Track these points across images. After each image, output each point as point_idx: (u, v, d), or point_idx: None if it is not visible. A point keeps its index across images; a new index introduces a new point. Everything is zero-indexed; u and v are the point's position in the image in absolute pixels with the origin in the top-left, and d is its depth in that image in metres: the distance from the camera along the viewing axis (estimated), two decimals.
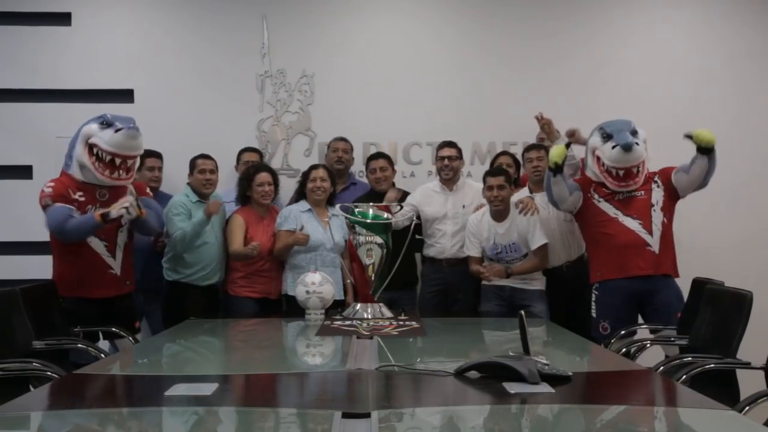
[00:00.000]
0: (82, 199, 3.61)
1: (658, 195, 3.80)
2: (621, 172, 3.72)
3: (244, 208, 4.16)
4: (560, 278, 4.19)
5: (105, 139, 3.59)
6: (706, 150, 3.65)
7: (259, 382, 2.36)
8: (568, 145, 3.85)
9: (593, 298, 3.85)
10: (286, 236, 4.00)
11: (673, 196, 3.83)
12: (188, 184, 4.24)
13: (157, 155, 4.46)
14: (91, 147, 3.61)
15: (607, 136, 3.75)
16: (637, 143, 3.69)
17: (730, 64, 5.12)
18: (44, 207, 3.56)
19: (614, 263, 3.75)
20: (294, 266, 4.05)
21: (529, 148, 4.35)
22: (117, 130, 3.58)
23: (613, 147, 3.68)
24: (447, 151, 4.34)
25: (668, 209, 3.82)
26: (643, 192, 3.80)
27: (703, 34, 5.17)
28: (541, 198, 4.11)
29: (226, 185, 4.55)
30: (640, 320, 3.86)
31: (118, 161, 3.62)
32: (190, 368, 2.81)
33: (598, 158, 3.79)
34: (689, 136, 3.66)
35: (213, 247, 4.11)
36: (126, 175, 3.69)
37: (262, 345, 3.31)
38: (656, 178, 3.84)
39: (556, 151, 3.73)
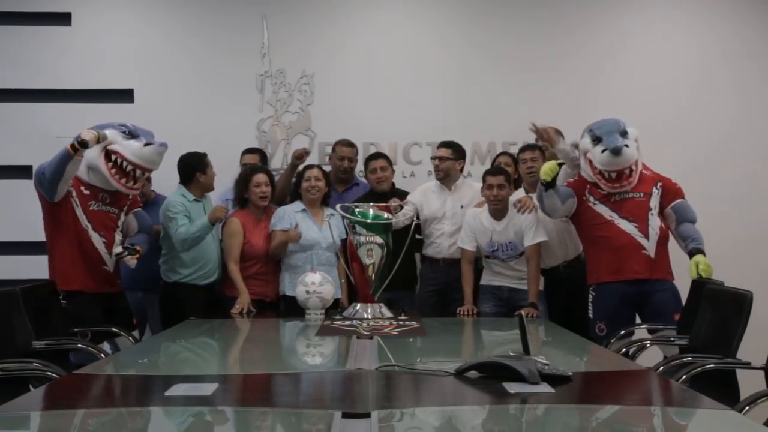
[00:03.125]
0: (87, 193, 3.66)
1: (656, 201, 3.79)
2: (613, 175, 3.72)
3: (241, 211, 4.14)
4: (558, 278, 4.18)
5: (131, 150, 3.64)
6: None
7: (259, 382, 2.36)
8: (560, 164, 3.82)
9: (590, 299, 3.84)
10: (281, 236, 4.01)
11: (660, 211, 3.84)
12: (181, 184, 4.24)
13: None
14: (109, 153, 3.63)
15: (596, 139, 3.74)
16: (626, 145, 3.67)
17: (730, 64, 5.12)
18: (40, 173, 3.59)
19: (610, 266, 3.74)
20: (290, 266, 4.06)
21: (523, 149, 4.35)
22: (147, 144, 3.65)
23: (603, 151, 3.67)
24: (438, 152, 4.35)
25: (663, 218, 3.82)
26: (641, 194, 3.78)
27: (703, 34, 5.17)
28: (537, 198, 4.10)
29: (227, 185, 4.54)
30: (639, 320, 3.86)
31: (138, 173, 3.70)
32: (191, 368, 2.82)
33: (590, 161, 3.78)
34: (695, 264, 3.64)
35: (210, 246, 4.10)
36: (137, 185, 3.80)
37: (263, 345, 3.31)
38: (659, 185, 3.82)
39: (547, 168, 3.70)
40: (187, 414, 1.92)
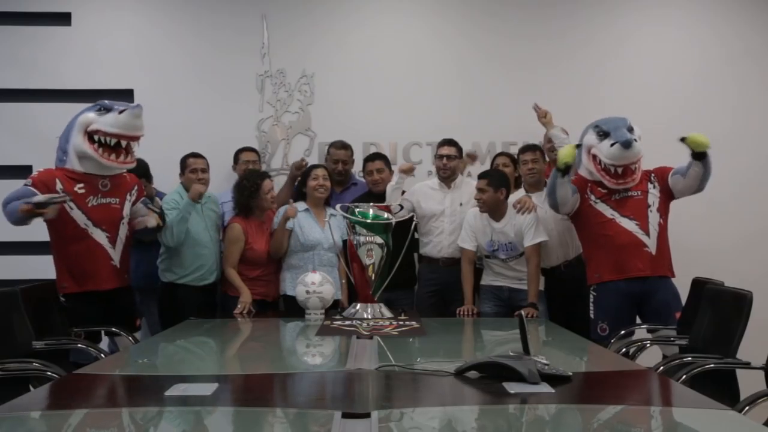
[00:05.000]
0: (83, 191, 3.61)
1: (654, 195, 3.79)
2: (620, 170, 3.71)
3: (243, 216, 4.07)
4: (558, 278, 4.18)
5: (109, 122, 3.59)
6: (699, 155, 3.63)
7: (259, 382, 2.36)
8: (578, 146, 3.81)
9: (591, 300, 3.84)
10: (280, 224, 4.00)
11: (668, 197, 3.83)
12: (181, 183, 4.23)
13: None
14: (91, 135, 3.61)
15: (603, 134, 3.73)
16: (635, 140, 3.68)
17: (730, 63, 5.12)
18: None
19: (612, 265, 3.74)
20: (291, 266, 4.05)
21: (523, 150, 4.34)
22: (120, 112, 3.60)
23: (612, 144, 3.66)
24: (446, 150, 4.33)
25: (664, 210, 3.81)
26: (639, 192, 3.78)
27: (703, 34, 5.17)
28: (536, 198, 4.10)
29: (225, 186, 4.54)
30: (639, 320, 3.86)
31: (123, 143, 3.64)
32: (190, 368, 2.82)
33: (595, 156, 3.77)
34: (683, 139, 3.64)
35: (208, 247, 4.09)
36: (129, 159, 3.71)
37: (262, 345, 3.31)
38: (652, 178, 3.82)
39: (567, 151, 3.70)
40: (187, 414, 1.92)
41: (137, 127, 3.66)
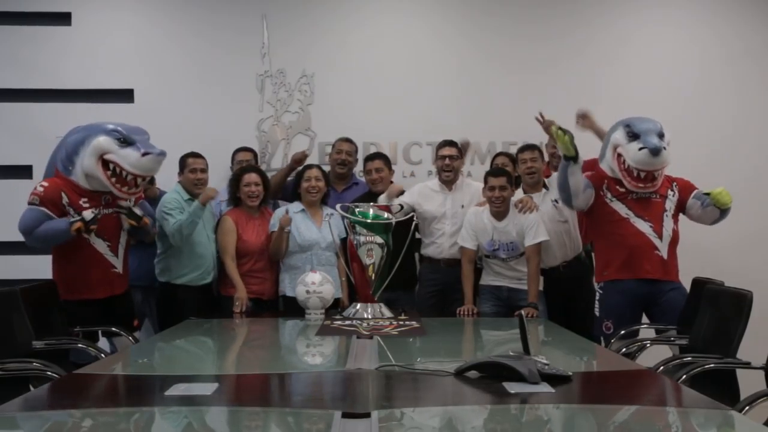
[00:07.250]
0: (86, 204, 3.60)
1: (671, 202, 3.77)
2: (642, 174, 3.68)
3: (234, 209, 4.14)
4: (558, 278, 4.17)
5: (130, 161, 3.60)
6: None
7: (259, 382, 2.36)
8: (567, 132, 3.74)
9: (597, 297, 3.84)
10: (276, 232, 4.01)
11: (681, 209, 3.82)
12: (179, 182, 4.23)
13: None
14: (106, 162, 3.60)
15: (633, 136, 3.69)
16: (664, 147, 3.63)
17: (730, 63, 5.12)
18: (29, 204, 3.58)
19: (621, 263, 3.72)
20: (289, 267, 4.05)
21: (522, 149, 4.32)
22: (144, 154, 3.60)
23: (641, 149, 3.62)
24: (447, 150, 4.31)
25: (676, 219, 3.81)
26: (658, 196, 3.76)
27: (703, 34, 5.17)
28: (536, 198, 4.10)
29: (223, 185, 4.54)
30: (645, 320, 3.85)
31: (138, 180, 3.69)
32: (191, 368, 2.81)
33: (620, 155, 3.74)
34: (707, 194, 3.63)
35: (205, 248, 4.09)
36: (138, 190, 3.77)
37: (262, 345, 3.31)
38: (674, 186, 3.80)
39: (566, 142, 3.64)
40: (187, 414, 1.93)
41: (156, 170, 3.79)
